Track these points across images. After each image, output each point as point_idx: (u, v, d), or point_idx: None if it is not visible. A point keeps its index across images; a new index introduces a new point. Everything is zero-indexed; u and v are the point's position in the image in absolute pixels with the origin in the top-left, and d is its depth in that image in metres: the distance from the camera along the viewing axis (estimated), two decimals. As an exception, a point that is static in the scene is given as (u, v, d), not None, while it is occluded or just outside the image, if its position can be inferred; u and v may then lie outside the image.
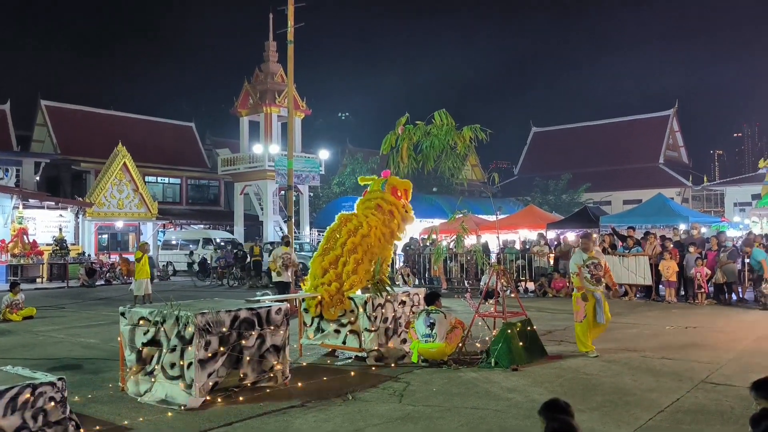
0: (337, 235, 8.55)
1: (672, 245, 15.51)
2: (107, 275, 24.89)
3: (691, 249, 14.79)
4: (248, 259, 24.44)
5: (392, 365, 8.05)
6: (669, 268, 14.67)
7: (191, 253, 29.52)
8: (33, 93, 38.59)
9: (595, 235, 16.12)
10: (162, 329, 6.46)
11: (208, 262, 27.08)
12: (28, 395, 5.07)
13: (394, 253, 10.97)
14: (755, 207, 25.71)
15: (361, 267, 8.24)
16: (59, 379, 5.38)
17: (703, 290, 14.24)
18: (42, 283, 24.30)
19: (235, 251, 25.99)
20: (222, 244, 29.19)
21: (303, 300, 8.76)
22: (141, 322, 6.68)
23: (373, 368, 7.94)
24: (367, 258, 8.33)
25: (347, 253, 8.25)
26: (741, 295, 14.73)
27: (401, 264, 18.64)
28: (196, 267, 27.86)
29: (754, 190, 33.91)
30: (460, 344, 8.35)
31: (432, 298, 8.48)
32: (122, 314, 6.93)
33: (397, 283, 9.16)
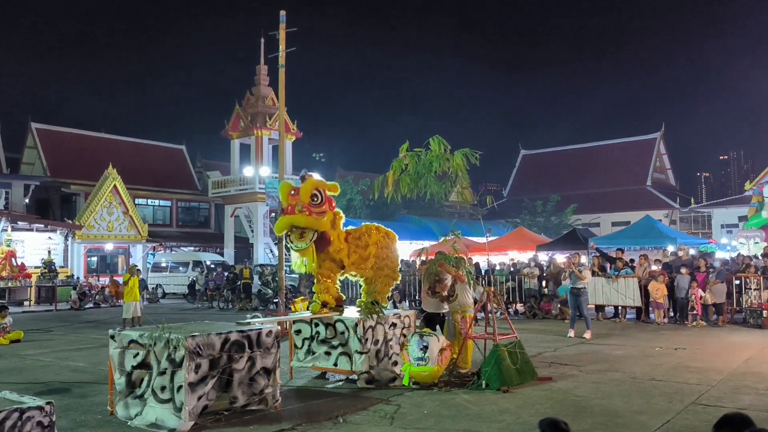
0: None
1: (661, 267, 15.63)
2: (96, 298, 24.67)
3: (683, 270, 14.87)
4: (238, 282, 24.32)
5: (383, 388, 8.03)
6: (658, 290, 14.76)
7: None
8: (23, 115, 38.62)
9: (584, 258, 16.22)
10: (152, 352, 6.42)
11: (197, 284, 26.91)
12: (15, 420, 5.02)
13: None
14: (742, 229, 25.96)
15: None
16: (47, 403, 5.33)
17: (696, 311, 14.33)
18: (30, 306, 24.07)
19: (225, 273, 25.87)
20: (212, 266, 29.05)
21: (294, 322, 8.76)
22: (131, 345, 6.64)
23: (364, 391, 7.91)
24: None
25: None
26: (730, 316, 14.84)
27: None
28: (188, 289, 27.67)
29: (741, 212, 34.24)
30: (451, 366, 8.35)
31: (431, 321, 8.48)
32: (112, 337, 6.88)
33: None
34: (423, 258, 9.82)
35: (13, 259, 24.60)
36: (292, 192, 8.18)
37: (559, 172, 50.07)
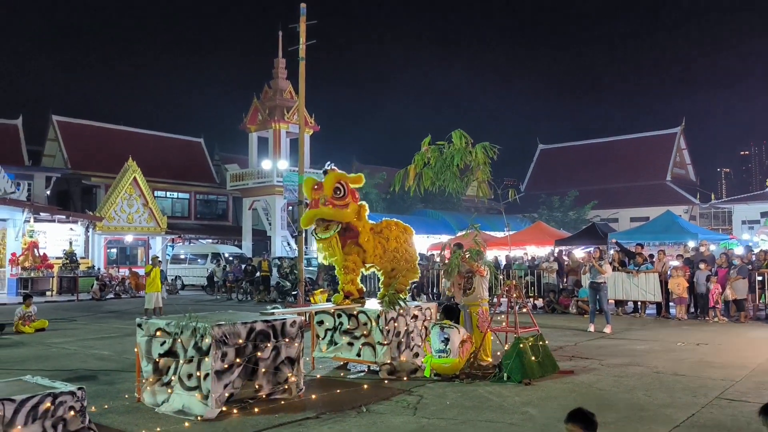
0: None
1: (683, 262, 15.51)
2: (117, 289, 24.98)
3: (702, 266, 14.77)
4: (257, 274, 24.49)
5: (404, 379, 8.07)
6: (679, 285, 14.66)
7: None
8: (44, 108, 39.06)
9: (611, 251, 16.12)
10: (179, 340, 6.51)
11: (215, 276, 27.15)
12: (48, 404, 5.13)
13: None
14: (764, 224, 25.65)
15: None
16: (79, 388, 5.43)
17: (718, 307, 14.25)
18: (52, 296, 24.40)
19: (243, 266, 26.06)
20: (230, 258, 29.29)
21: (316, 313, 8.83)
22: (158, 333, 6.74)
23: (386, 381, 7.96)
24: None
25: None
26: (752, 312, 14.69)
27: None
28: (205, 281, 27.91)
29: (762, 208, 33.85)
30: (471, 358, 8.37)
31: (449, 313, 8.51)
32: (139, 325, 6.98)
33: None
34: (447, 251, 9.83)
35: (35, 250, 24.96)
36: (315, 186, 8.36)
37: (578, 167, 49.74)
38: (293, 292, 21.23)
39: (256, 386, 6.66)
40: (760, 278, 14.71)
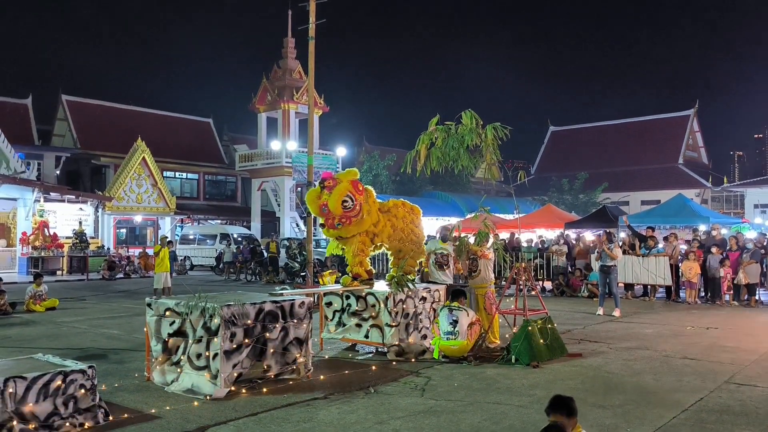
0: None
1: (697, 246, 15.41)
2: (126, 269, 25.15)
3: (714, 250, 14.67)
4: (265, 255, 24.56)
5: (412, 360, 8.09)
6: (691, 269, 14.57)
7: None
8: (54, 88, 39.11)
9: (622, 234, 16.00)
10: (188, 320, 6.54)
11: (224, 257, 27.23)
12: (59, 382, 5.19)
13: None
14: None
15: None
16: (89, 366, 5.48)
17: (731, 291, 14.20)
18: (62, 275, 24.61)
19: (251, 247, 26.13)
20: (239, 239, 29.38)
21: (325, 294, 8.85)
22: (167, 313, 6.77)
23: (394, 363, 7.98)
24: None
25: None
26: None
27: None
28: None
29: (775, 192, 33.50)
30: (480, 341, 8.37)
31: (457, 295, 8.51)
32: (148, 305, 7.01)
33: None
34: (456, 233, 9.79)
35: (45, 229, 25.13)
36: (323, 208, 8.26)
37: (589, 149, 49.37)
38: (302, 273, 21.31)
39: (265, 366, 6.69)
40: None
